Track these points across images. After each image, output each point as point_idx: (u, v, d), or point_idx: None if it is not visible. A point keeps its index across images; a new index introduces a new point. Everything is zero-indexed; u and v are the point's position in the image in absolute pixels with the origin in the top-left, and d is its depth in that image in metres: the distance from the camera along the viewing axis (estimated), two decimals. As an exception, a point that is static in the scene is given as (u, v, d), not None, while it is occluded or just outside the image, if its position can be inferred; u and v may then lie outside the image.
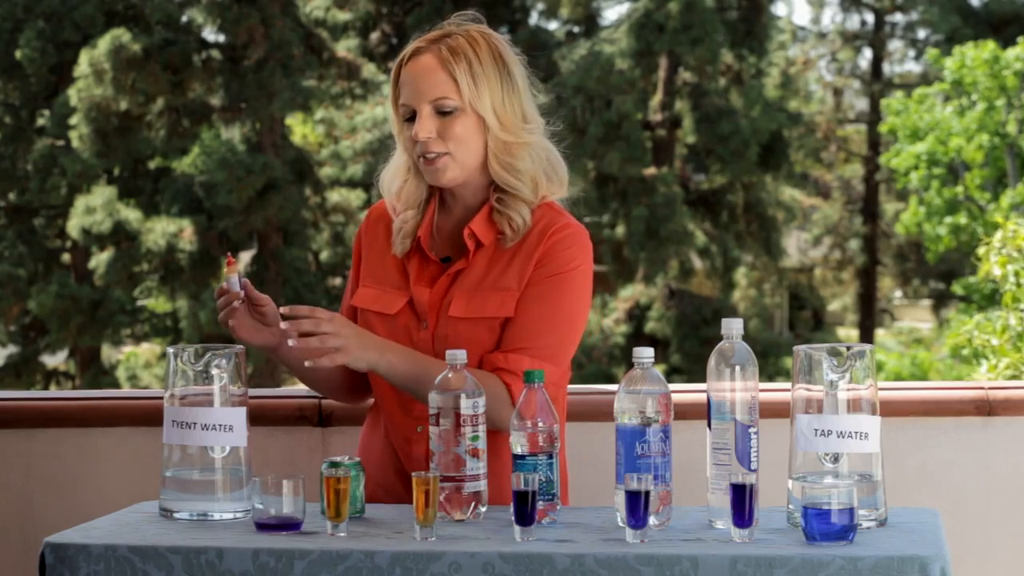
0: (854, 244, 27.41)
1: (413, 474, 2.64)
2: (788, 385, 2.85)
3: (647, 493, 2.57)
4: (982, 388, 3.70)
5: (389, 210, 3.13)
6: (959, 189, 21.00)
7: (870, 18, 27.81)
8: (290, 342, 2.85)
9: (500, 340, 2.99)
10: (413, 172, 3.08)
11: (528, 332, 2.98)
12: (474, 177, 3.05)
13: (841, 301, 29.14)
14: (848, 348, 2.72)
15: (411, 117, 3.02)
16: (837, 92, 28.72)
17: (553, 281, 3.00)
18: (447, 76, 2.97)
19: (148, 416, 3.65)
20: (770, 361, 21.34)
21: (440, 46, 2.99)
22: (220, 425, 2.81)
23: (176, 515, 2.83)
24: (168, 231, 19.08)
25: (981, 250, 5.48)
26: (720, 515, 2.68)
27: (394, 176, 3.12)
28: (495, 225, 3.03)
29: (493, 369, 2.96)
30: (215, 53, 19.60)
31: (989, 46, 20.57)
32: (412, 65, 3.01)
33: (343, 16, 20.91)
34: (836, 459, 2.70)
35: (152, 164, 20.47)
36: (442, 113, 2.99)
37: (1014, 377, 5.12)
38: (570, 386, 3.21)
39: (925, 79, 25.39)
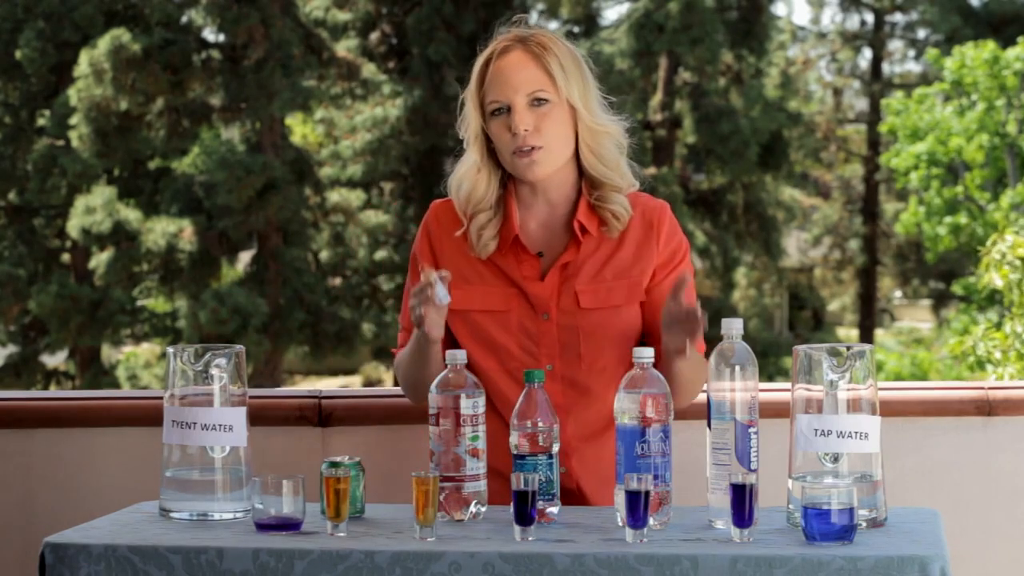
0: (854, 244, 27.41)
1: (413, 474, 2.64)
2: (788, 385, 2.85)
3: (647, 493, 2.57)
4: (982, 388, 3.70)
5: (459, 213, 3.14)
6: (959, 189, 21.01)
7: (870, 18, 27.81)
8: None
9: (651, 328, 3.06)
10: (485, 171, 3.12)
11: None
12: (562, 172, 3.10)
13: (841, 301, 29.15)
14: (848, 348, 2.72)
15: (499, 109, 3.06)
16: (837, 92, 28.73)
17: (676, 263, 3.13)
18: (541, 69, 3.05)
19: (148, 416, 3.65)
20: (770, 361, 21.34)
21: (528, 42, 3.07)
22: (220, 425, 2.82)
23: (176, 515, 2.83)
24: (168, 231, 19.08)
25: (983, 262, 5.46)
26: (720, 515, 2.68)
27: (464, 176, 3.13)
28: (597, 216, 3.10)
29: None
30: (215, 53, 19.59)
31: (989, 46, 20.57)
32: (502, 61, 3.07)
33: (343, 16, 20.90)
34: (836, 459, 2.70)
35: (152, 164, 20.46)
36: (537, 107, 3.04)
37: None
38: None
39: (925, 79, 25.39)
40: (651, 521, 2.64)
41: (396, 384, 3.29)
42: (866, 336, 26.22)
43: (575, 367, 3.02)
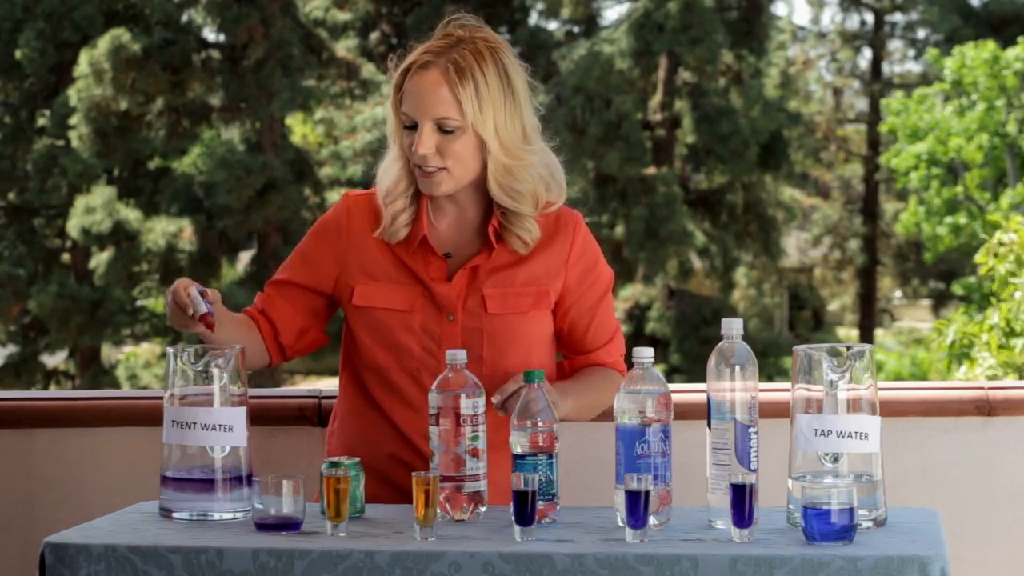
0: (854, 244, 27.42)
1: (413, 474, 2.64)
2: (788, 385, 2.85)
3: (647, 493, 2.57)
4: (982, 388, 3.70)
5: (380, 202, 3.10)
6: (959, 189, 21.02)
7: (870, 18, 27.81)
8: (501, 413, 2.92)
9: (581, 340, 3.15)
10: (406, 173, 3.08)
11: (606, 326, 3.18)
12: (468, 188, 3.07)
13: (841, 301, 29.15)
14: (848, 348, 2.72)
15: (411, 124, 3.02)
16: (837, 92, 28.73)
17: (595, 277, 3.14)
18: (452, 96, 2.97)
19: (148, 416, 3.65)
20: (770, 361, 21.34)
21: (447, 63, 2.97)
22: (220, 425, 2.81)
23: (176, 515, 2.83)
24: (168, 231, 19.09)
25: (979, 254, 5.46)
26: (720, 515, 2.68)
27: (387, 172, 3.11)
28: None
29: (600, 364, 3.18)
30: (215, 53, 19.60)
31: (989, 46, 20.58)
32: (418, 78, 2.99)
33: (343, 16, 20.90)
34: (836, 459, 2.70)
35: (152, 164, 20.47)
36: (443, 131, 2.99)
37: (995, 377, 5.12)
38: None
39: (925, 79, 25.40)
40: (651, 521, 2.64)
41: None
42: (866, 336, 26.23)
43: (476, 370, 2.94)
